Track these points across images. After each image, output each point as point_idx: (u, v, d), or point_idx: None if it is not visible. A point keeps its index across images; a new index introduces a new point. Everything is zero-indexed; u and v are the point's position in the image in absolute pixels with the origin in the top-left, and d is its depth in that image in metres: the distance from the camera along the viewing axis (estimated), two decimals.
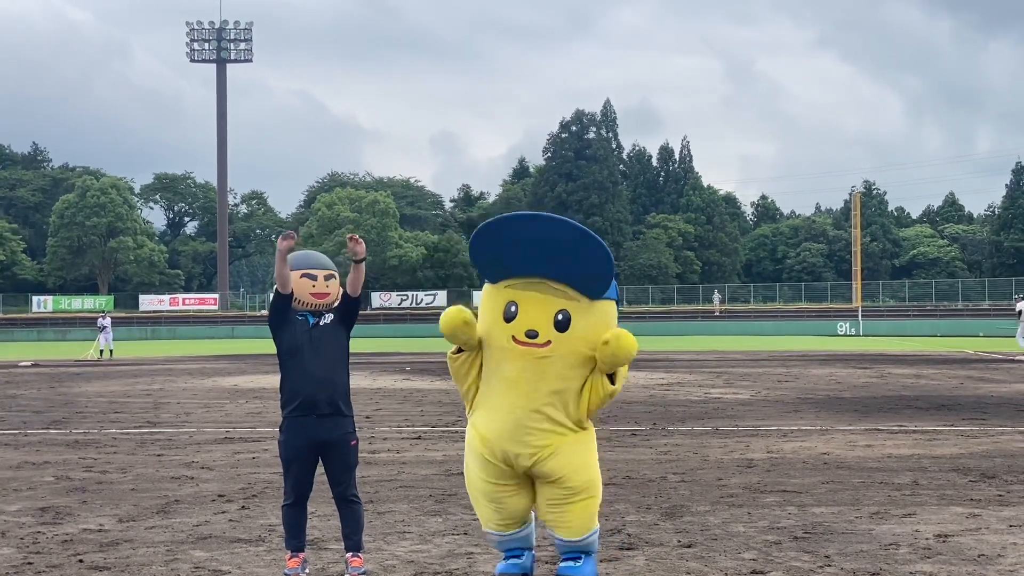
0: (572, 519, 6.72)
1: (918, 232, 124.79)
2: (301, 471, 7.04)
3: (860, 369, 31.55)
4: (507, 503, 6.80)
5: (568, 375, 6.56)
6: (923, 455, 12.90)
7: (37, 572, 7.23)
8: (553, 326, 6.50)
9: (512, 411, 6.61)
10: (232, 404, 21.03)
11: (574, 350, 6.52)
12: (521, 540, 6.96)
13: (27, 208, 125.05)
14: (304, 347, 7.05)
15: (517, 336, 6.54)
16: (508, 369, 6.63)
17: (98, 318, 49.60)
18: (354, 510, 7.11)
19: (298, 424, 6.99)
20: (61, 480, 11.46)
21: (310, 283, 7.13)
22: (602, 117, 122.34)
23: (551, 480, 6.65)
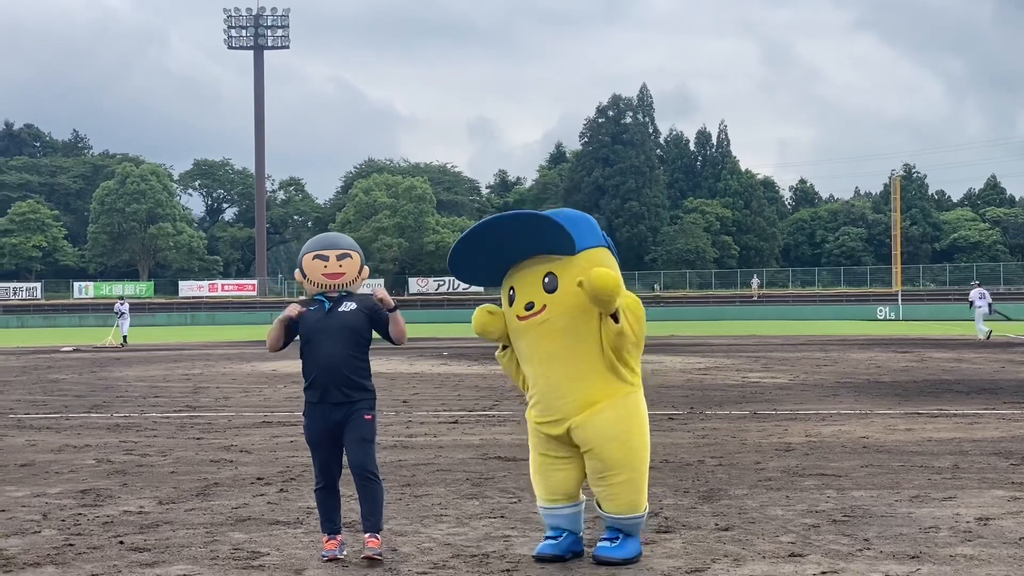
0: (617, 493, 6.88)
1: (959, 216, 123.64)
2: (325, 455, 7.05)
3: (900, 353, 31.34)
4: (553, 476, 7.03)
5: (576, 331, 6.82)
6: (964, 439, 12.80)
7: (78, 553, 7.29)
8: (543, 290, 6.85)
9: (536, 383, 6.98)
10: (270, 389, 21.13)
11: (571, 305, 6.80)
12: (565, 519, 7.04)
13: (68, 195, 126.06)
14: (317, 334, 7.02)
15: (519, 314, 6.94)
16: (522, 347, 7.01)
17: (115, 303, 48.97)
18: (372, 489, 7.04)
19: (315, 411, 7.01)
20: (102, 463, 11.55)
21: (321, 264, 7.06)
22: (639, 102, 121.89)
23: (587, 450, 6.89)
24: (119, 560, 7.08)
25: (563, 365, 6.84)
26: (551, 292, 6.83)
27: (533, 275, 6.91)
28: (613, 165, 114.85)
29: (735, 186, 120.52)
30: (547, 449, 7.04)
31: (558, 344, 6.83)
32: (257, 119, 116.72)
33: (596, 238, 7.02)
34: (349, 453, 7.04)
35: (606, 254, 7.03)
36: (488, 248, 6.95)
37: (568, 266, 6.83)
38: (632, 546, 6.95)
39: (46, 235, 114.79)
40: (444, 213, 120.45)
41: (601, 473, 6.88)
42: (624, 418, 6.89)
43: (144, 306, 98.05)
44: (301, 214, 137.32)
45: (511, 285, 7.03)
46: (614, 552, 6.87)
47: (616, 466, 6.83)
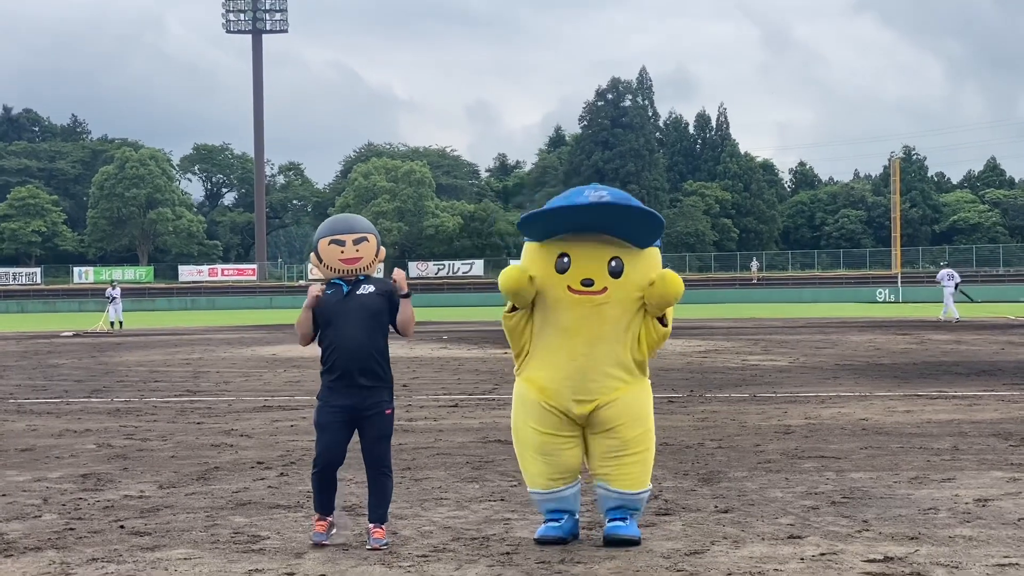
0: (629, 470, 6.96)
1: (959, 197, 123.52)
2: (332, 439, 6.96)
3: (899, 335, 31.37)
4: (561, 455, 7.02)
5: (625, 320, 6.90)
6: (963, 420, 12.82)
7: (79, 537, 7.31)
8: (608, 273, 6.82)
9: (573, 359, 6.88)
10: (270, 373, 21.15)
11: (628, 295, 6.86)
12: (565, 501, 7.07)
13: (67, 180, 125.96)
14: (337, 317, 6.96)
15: (572, 285, 6.84)
16: (566, 319, 6.89)
17: (107, 288, 48.29)
18: (383, 483, 7.05)
19: (332, 393, 6.96)
20: (102, 447, 11.57)
21: (338, 249, 6.99)
22: (638, 85, 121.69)
23: (606, 429, 6.92)
24: (120, 544, 7.10)
25: (606, 348, 6.87)
26: (616, 276, 6.84)
27: (598, 253, 6.85)
28: (612, 148, 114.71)
29: (734, 169, 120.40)
30: (556, 428, 6.98)
31: (608, 327, 6.87)
32: (256, 103, 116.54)
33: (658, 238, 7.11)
34: (367, 447, 7.02)
35: (659, 254, 7.14)
36: (569, 220, 6.84)
37: (634, 255, 6.89)
38: (636, 527, 7.03)
39: (45, 220, 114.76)
40: (443, 197, 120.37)
41: (618, 451, 6.93)
42: (644, 401, 7.07)
43: (144, 291, 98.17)
44: (300, 198, 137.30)
45: (565, 251, 6.87)
46: (628, 530, 6.92)
47: (635, 444, 6.95)
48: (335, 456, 7.02)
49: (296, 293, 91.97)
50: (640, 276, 6.88)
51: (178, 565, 6.55)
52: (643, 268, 6.90)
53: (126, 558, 6.73)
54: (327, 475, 7.03)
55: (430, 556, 6.70)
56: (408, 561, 6.58)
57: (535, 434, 7.04)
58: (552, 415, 6.97)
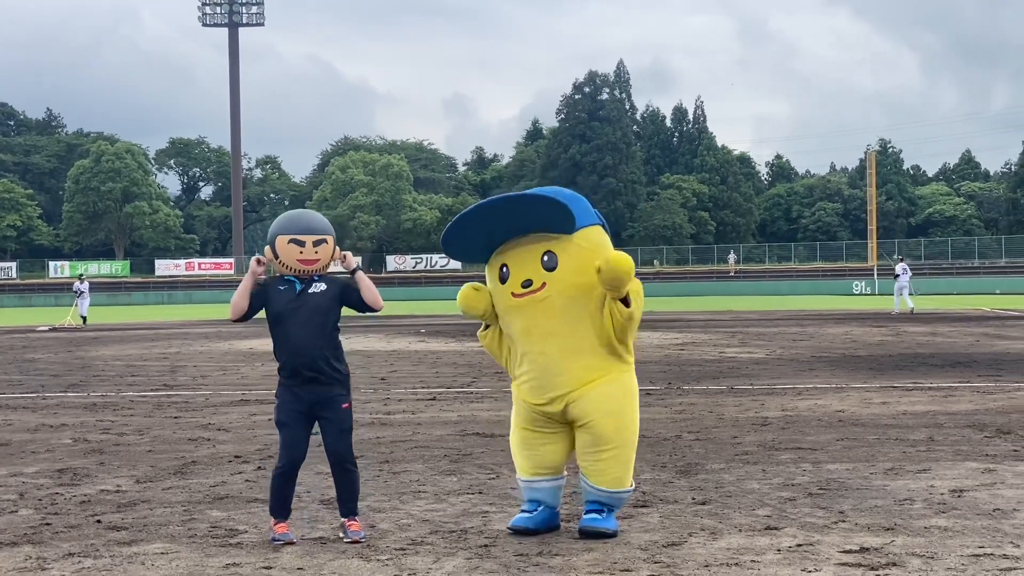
0: (606, 467, 6.96)
1: (934, 190, 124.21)
2: (292, 436, 6.90)
3: (875, 327, 31.51)
4: (541, 450, 7.10)
5: (574, 309, 6.86)
6: (938, 411, 12.89)
7: (55, 532, 7.28)
8: (542, 268, 6.85)
9: (536, 358, 6.95)
10: (248, 367, 21.11)
11: (571, 283, 6.83)
12: (546, 492, 7.11)
13: (42, 174, 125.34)
14: (287, 316, 6.89)
15: (515, 291, 6.92)
16: (519, 324, 6.98)
17: (75, 283, 46.94)
18: (351, 477, 7.00)
19: (286, 392, 6.92)
20: (79, 442, 11.53)
21: (297, 249, 6.87)
22: (615, 78, 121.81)
23: (581, 424, 6.94)
24: (96, 539, 7.08)
25: (561, 342, 6.86)
26: (551, 270, 6.83)
27: (530, 253, 6.88)
28: (590, 142, 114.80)
29: (712, 162, 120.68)
30: (535, 425, 7.07)
31: (556, 321, 6.85)
32: (233, 97, 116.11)
33: (591, 216, 7.05)
34: (328, 443, 6.98)
35: (602, 233, 7.07)
36: (484, 227, 6.93)
37: (567, 244, 6.85)
38: (615, 521, 7.04)
39: (21, 214, 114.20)
40: (421, 191, 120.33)
41: (593, 447, 6.94)
42: (619, 394, 6.99)
43: (120, 285, 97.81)
44: (278, 192, 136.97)
45: (503, 263, 6.98)
46: (603, 523, 6.93)
47: (608, 440, 6.91)
48: (298, 453, 6.95)
49: None
50: (578, 262, 6.81)
51: (155, 559, 6.53)
52: (580, 253, 6.82)
53: (103, 553, 6.71)
54: (290, 474, 6.95)
55: (408, 549, 6.70)
56: (386, 554, 6.58)
57: (521, 431, 7.18)
58: (534, 414, 7.06)
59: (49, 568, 6.38)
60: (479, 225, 6.92)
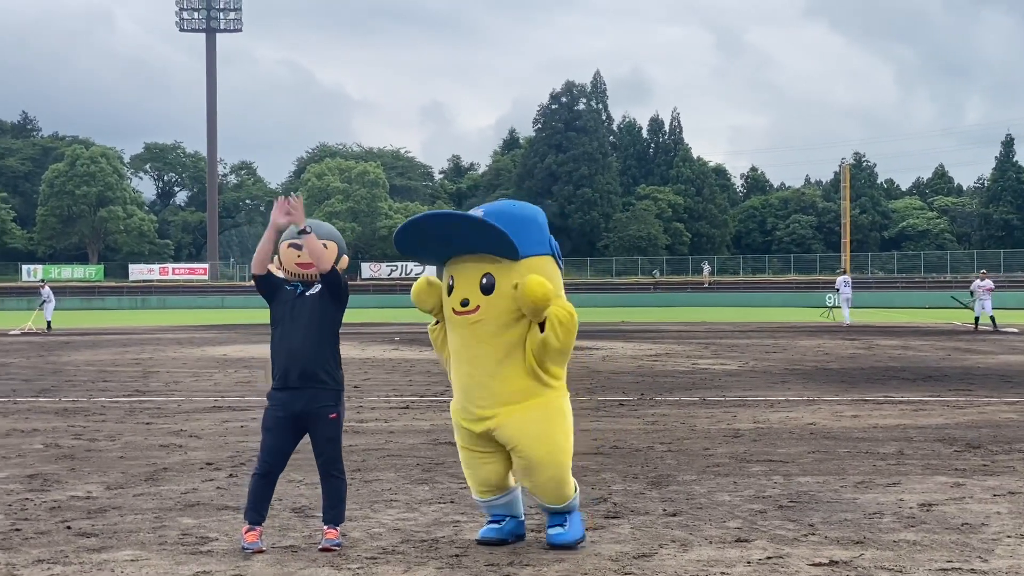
0: (543, 489, 6.93)
1: (907, 204, 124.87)
2: (275, 442, 6.89)
3: (848, 340, 31.65)
4: (479, 470, 7.06)
5: (505, 335, 6.82)
6: (909, 425, 12.97)
7: (25, 538, 7.24)
8: (480, 290, 6.82)
9: (460, 379, 6.98)
10: (221, 373, 21.04)
11: (504, 309, 6.80)
12: (503, 507, 7.12)
13: (16, 177, 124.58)
14: (285, 318, 6.92)
15: (455, 308, 6.92)
16: (453, 340, 7.02)
17: (40, 287, 46.12)
18: (336, 485, 7.00)
19: (278, 395, 6.92)
20: (50, 447, 11.47)
21: (295, 253, 6.92)
22: (592, 88, 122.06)
23: (511, 448, 6.89)
24: (66, 545, 7.05)
25: (487, 366, 6.81)
26: (487, 293, 6.79)
27: (472, 272, 6.85)
28: (566, 152, 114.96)
29: (687, 173, 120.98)
30: (471, 444, 7.03)
31: (486, 346, 6.81)
32: (209, 102, 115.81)
33: (542, 245, 6.98)
34: (316, 450, 7.00)
35: (549, 263, 7.00)
36: (435, 235, 6.94)
37: (508, 271, 6.79)
38: (578, 527, 7.03)
39: None
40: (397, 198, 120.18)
41: (527, 472, 6.89)
42: (544, 418, 6.87)
43: (94, 289, 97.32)
44: (253, 198, 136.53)
45: (451, 274, 6.97)
46: (567, 537, 6.93)
47: (539, 464, 6.83)
48: (277, 460, 6.94)
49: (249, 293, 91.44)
50: (513, 292, 6.75)
51: (125, 567, 6.51)
52: (517, 280, 6.75)
53: (72, 559, 6.68)
54: (268, 480, 6.94)
55: (379, 558, 6.71)
56: (357, 563, 6.58)
57: (462, 450, 7.16)
58: (465, 431, 7.03)
59: (19, 574, 6.36)
60: (433, 232, 6.93)
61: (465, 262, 6.90)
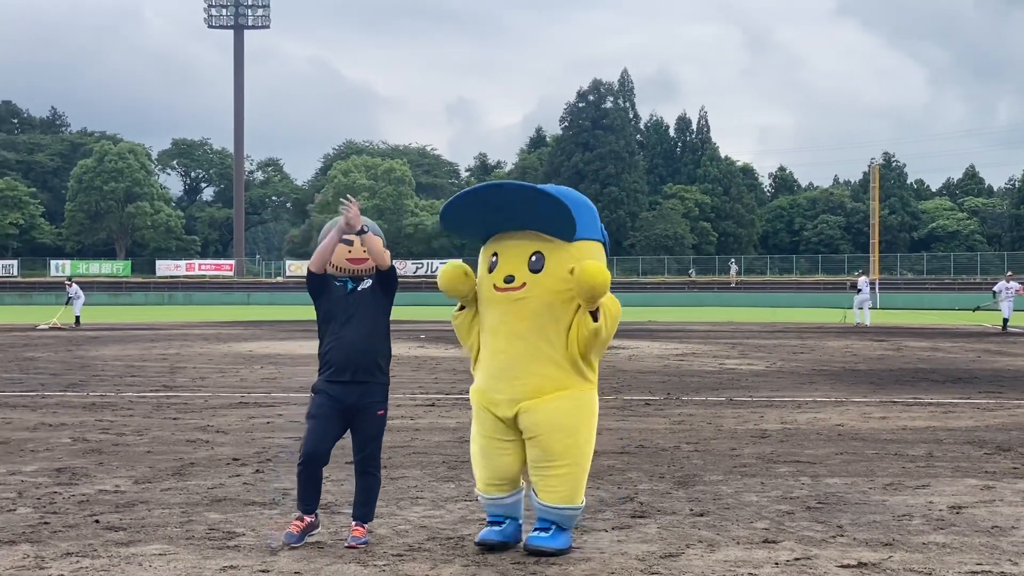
0: (555, 484, 6.78)
1: (937, 205, 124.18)
2: (322, 429, 6.87)
3: (876, 342, 31.49)
4: (495, 460, 6.91)
5: (549, 316, 6.73)
6: (938, 427, 12.88)
7: (53, 532, 7.28)
8: (527, 268, 6.73)
9: (496, 356, 6.84)
10: (247, 369, 21.10)
11: (551, 289, 6.71)
12: (507, 508, 6.96)
13: (46, 172, 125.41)
14: (339, 314, 6.93)
15: (497, 284, 6.81)
16: (491, 317, 6.88)
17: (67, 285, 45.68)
18: (371, 483, 7.02)
19: (327, 388, 6.91)
20: (78, 442, 11.53)
21: (346, 249, 6.92)
22: (619, 87, 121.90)
23: (531, 436, 6.77)
24: (94, 539, 7.08)
25: (526, 347, 6.72)
26: (535, 272, 6.71)
27: (521, 249, 6.77)
28: (593, 150, 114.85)
29: (714, 172, 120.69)
30: (491, 431, 6.89)
31: (528, 324, 6.72)
32: (237, 99, 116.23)
33: (595, 231, 6.92)
34: (357, 446, 7.00)
35: (599, 251, 6.95)
36: (486, 209, 6.81)
37: (559, 251, 6.72)
38: (565, 538, 6.83)
39: (23, 213, 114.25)
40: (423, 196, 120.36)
41: (541, 462, 6.77)
42: (574, 411, 6.78)
43: (121, 285, 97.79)
44: (279, 195, 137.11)
45: (495, 251, 6.87)
46: (547, 542, 6.75)
47: (558, 457, 6.73)
48: (321, 449, 6.89)
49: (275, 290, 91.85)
50: (564, 271, 6.70)
51: (153, 560, 6.53)
52: (569, 262, 6.70)
53: (101, 553, 6.71)
54: (311, 469, 6.90)
55: (405, 555, 6.70)
56: (383, 560, 6.58)
57: (478, 436, 7.00)
58: (489, 417, 6.89)
59: (47, 567, 6.38)
60: (483, 203, 6.80)
61: (512, 239, 6.82)
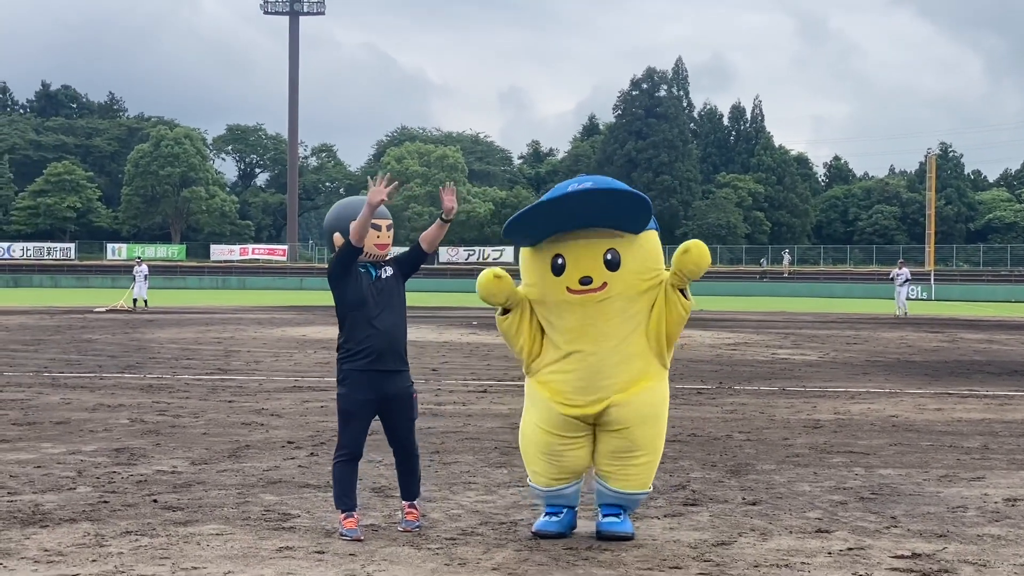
0: (636, 473, 6.82)
1: (994, 196, 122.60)
2: (360, 426, 6.89)
3: (931, 333, 31.21)
4: (567, 456, 6.87)
5: (632, 311, 6.71)
6: (994, 420, 12.77)
7: (113, 510, 7.40)
8: (604, 267, 6.63)
9: (585, 359, 6.71)
10: (301, 354, 21.27)
11: (631, 285, 6.67)
12: (567, 498, 6.96)
13: (103, 157, 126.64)
14: (370, 300, 6.84)
15: (571, 286, 6.67)
16: (571, 320, 6.73)
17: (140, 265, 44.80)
18: (414, 464, 7.07)
19: (364, 378, 6.82)
20: (135, 423, 11.69)
21: (375, 234, 6.87)
22: (673, 75, 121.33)
23: (617, 428, 6.75)
24: (153, 518, 7.18)
25: (615, 344, 6.67)
26: (613, 269, 6.62)
27: (592, 248, 6.63)
28: (646, 138, 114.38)
29: (768, 162, 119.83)
30: (564, 429, 6.80)
31: (614, 323, 6.66)
32: (291, 85, 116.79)
33: (653, 220, 6.89)
34: (396, 430, 6.99)
35: (657, 237, 6.92)
36: (548, 215, 6.63)
37: (630, 244, 6.66)
38: (630, 523, 6.94)
39: (80, 196, 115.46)
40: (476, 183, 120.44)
41: (626, 452, 6.77)
42: (659, 401, 6.85)
43: (176, 269, 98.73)
44: (333, 181, 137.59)
45: (558, 253, 6.70)
46: (621, 527, 6.83)
47: (644, 447, 6.78)
48: (361, 444, 6.93)
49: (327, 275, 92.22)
50: (639, 263, 6.66)
51: (210, 540, 6.63)
52: (642, 255, 6.70)
53: (159, 532, 6.81)
54: (355, 465, 6.93)
55: (458, 539, 6.75)
56: (437, 543, 6.63)
57: (542, 434, 6.87)
58: (561, 417, 6.78)
59: (107, 545, 6.49)
60: (550, 211, 6.61)
61: (575, 239, 6.66)
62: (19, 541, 6.56)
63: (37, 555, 6.25)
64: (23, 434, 10.82)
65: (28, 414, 12.28)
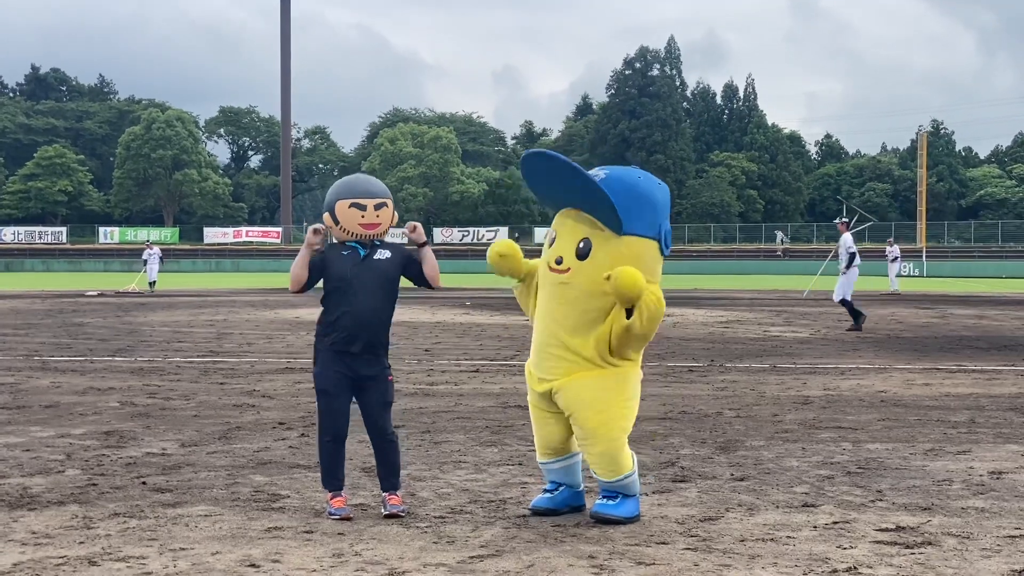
0: (596, 460, 6.77)
1: (986, 172, 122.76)
2: (337, 405, 6.83)
3: (922, 309, 31.30)
4: (543, 429, 7.00)
5: (587, 304, 6.66)
6: (981, 394, 12.83)
7: (101, 493, 7.41)
8: (575, 254, 6.69)
9: (538, 333, 6.90)
10: (293, 336, 21.28)
11: (593, 280, 6.61)
12: (559, 473, 6.98)
13: (94, 140, 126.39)
14: (352, 280, 6.76)
15: (549, 263, 6.82)
16: (541, 295, 6.93)
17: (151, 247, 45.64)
18: (390, 450, 6.95)
19: (335, 357, 6.79)
20: (125, 406, 11.70)
21: (359, 213, 6.75)
22: (666, 54, 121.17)
23: (569, 414, 6.79)
24: (141, 500, 7.20)
25: (558, 328, 6.70)
26: (581, 259, 6.63)
27: (573, 232, 6.70)
28: (639, 118, 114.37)
29: (761, 140, 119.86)
30: (537, 401, 6.95)
31: (564, 309, 6.69)
32: (283, 66, 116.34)
33: (651, 228, 6.71)
34: (369, 415, 6.89)
35: (650, 249, 6.73)
36: (553, 175, 6.72)
37: (606, 242, 6.62)
38: (631, 506, 6.79)
39: (72, 180, 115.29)
40: (469, 163, 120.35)
41: (582, 440, 6.78)
42: (606, 388, 6.69)
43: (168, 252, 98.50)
44: (326, 162, 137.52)
45: (556, 228, 6.87)
46: (612, 510, 6.74)
47: (591, 435, 6.69)
48: (344, 422, 6.88)
49: None
50: (610, 261, 6.54)
51: (199, 521, 6.65)
52: (617, 257, 6.54)
53: (148, 514, 6.83)
54: (340, 443, 6.90)
55: (447, 518, 6.78)
56: (425, 522, 6.66)
57: (531, 408, 7.07)
58: (533, 388, 6.95)
59: (95, 527, 6.51)
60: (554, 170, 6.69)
61: (570, 219, 6.77)
62: (7, 524, 6.57)
63: (25, 537, 6.26)
64: (12, 417, 10.83)
65: (17, 398, 12.29)
